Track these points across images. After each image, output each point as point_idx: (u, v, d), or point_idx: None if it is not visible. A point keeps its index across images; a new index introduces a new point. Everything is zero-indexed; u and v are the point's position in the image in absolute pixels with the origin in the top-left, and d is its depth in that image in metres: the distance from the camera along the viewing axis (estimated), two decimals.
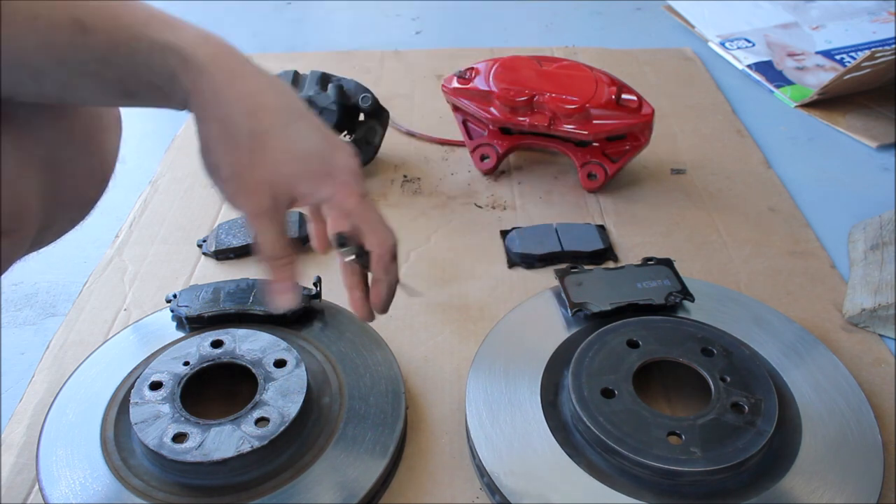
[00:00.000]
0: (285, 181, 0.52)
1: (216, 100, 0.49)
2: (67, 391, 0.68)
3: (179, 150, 1.12)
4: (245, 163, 0.51)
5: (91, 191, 0.56)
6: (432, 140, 1.12)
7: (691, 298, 0.74)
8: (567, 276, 0.77)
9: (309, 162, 0.53)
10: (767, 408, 0.62)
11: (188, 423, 0.61)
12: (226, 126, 0.50)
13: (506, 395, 0.66)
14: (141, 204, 1.00)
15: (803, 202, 0.98)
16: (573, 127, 0.93)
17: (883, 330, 0.77)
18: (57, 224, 0.55)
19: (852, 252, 0.87)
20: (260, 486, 0.59)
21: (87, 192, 0.56)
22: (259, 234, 0.53)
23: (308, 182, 0.53)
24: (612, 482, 0.59)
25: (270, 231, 0.53)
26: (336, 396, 0.67)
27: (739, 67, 1.34)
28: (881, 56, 1.07)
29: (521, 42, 1.43)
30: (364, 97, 0.97)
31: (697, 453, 0.58)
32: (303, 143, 0.52)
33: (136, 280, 0.86)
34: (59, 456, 0.62)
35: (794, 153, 1.10)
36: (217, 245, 0.89)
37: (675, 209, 0.97)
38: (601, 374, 0.65)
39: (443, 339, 0.78)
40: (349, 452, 0.62)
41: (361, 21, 1.59)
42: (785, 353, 0.70)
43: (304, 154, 0.52)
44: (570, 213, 0.96)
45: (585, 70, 0.96)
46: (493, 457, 0.62)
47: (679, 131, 1.14)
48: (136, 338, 0.74)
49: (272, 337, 0.69)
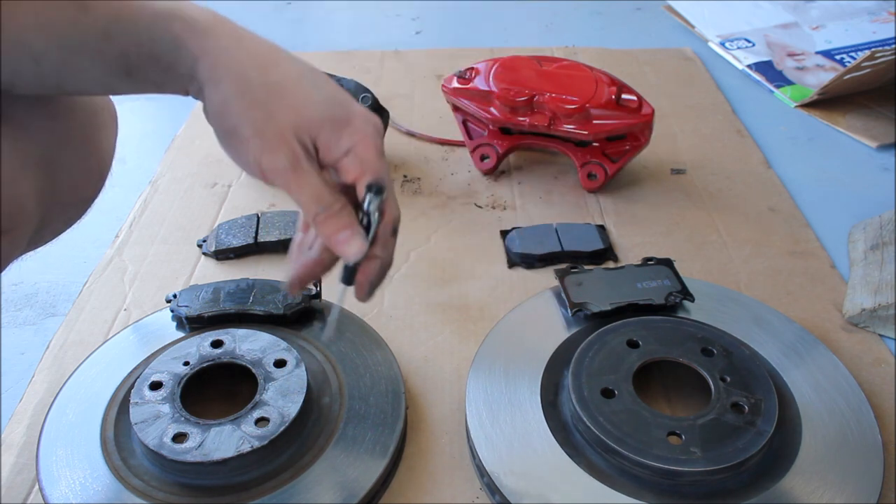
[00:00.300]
0: (308, 125, 0.50)
1: (227, 58, 0.48)
2: (67, 391, 0.68)
3: (179, 150, 1.12)
4: (265, 115, 0.49)
5: (88, 190, 0.56)
6: (432, 140, 1.12)
7: (691, 298, 0.74)
8: (567, 276, 0.77)
9: (329, 107, 0.51)
10: (767, 408, 0.62)
11: (188, 423, 0.61)
12: (240, 82, 0.49)
13: (506, 395, 0.66)
14: (141, 204, 1.00)
15: (803, 202, 0.98)
16: (573, 127, 0.93)
17: (883, 330, 0.77)
18: (54, 223, 0.55)
19: (852, 252, 0.87)
20: (260, 486, 0.59)
21: (84, 191, 0.56)
22: (299, 191, 0.50)
23: (330, 128, 0.51)
24: (612, 482, 0.59)
25: (309, 182, 0.50)
26: (336, 396, 0.67)
27: (739, 67, 1.34)
28: (881, 56, 1.07)
29: (521, 42, 1.43)
30: (364, 97, 0.97)
31: (697, 453, 0.58)
32: (320, 92, 0.51)
33: (136, 280, 0.86)
34: (59, 456, 0.62)
35: (794, 153, 1.10)
36: (217, 245, 0.89)
37: (675, 209, 0.97)
38: (601, 374, 0.65)
39: (443, 339, 0.78)
40: (349, 452, 0.62)
41: (361, 21, 1.59)
42: (785, 353, 0.70)
43: (322, 100, 0.51)
44: (570, 213, 0.96)
45: (585, 70, 0.96)
46: (493, 457, 0.62)
47: (679, 131, 1.14)
48: (136, 338, 0.74)
49: (272, 337, 0.69)
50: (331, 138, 0.51)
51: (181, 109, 1.23)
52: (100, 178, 0.57)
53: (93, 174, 0.56)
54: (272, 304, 0.74)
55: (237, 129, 0.50)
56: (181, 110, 1.23)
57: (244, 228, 0.90)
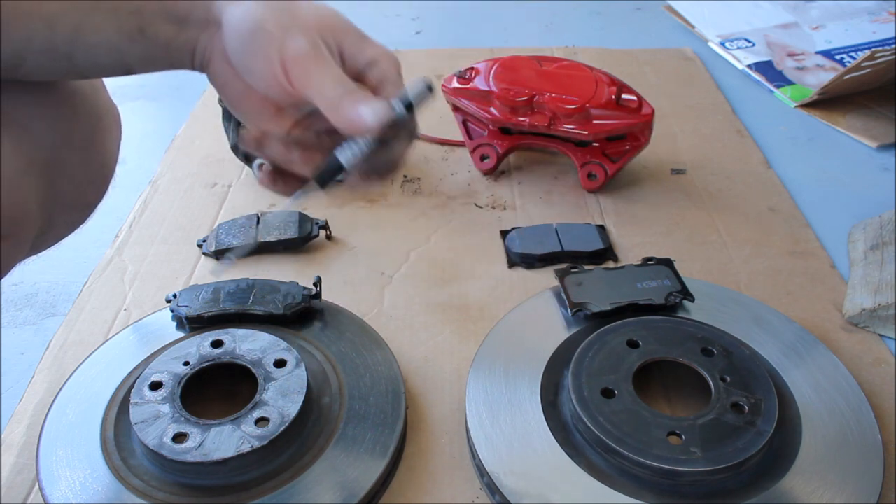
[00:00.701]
0: (332, 29, 0.50)
1: None
2: (67, 391, 0.68)
3: (179, 150, 1.12)
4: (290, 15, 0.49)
5: (91, 194, 0.56)
6: (432, 140, 1.12)
7: (691, 298, 0.74)
8: (567, 276, 0.77)
9: (349, 22, 0.52)
10: (767, 408, 0.62)
11: (188, 423, 0.61)
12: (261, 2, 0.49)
13: (506, 395, 0.66)
14: (141, 204, 1.00)
15: (803, 202, 0.98)
16: (573, 127, 0.93)
17: (883, 330, 0.77)
18: (57, 227, 0.55)
19: (852, 252, 0.87)
20: (260, 486, 0.59)
21: (87, 195, 0.56)
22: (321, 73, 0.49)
23: (354, 37, 0.51)
24: (612, 482, 0.59)
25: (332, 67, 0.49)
26: (336, 396, 0.67)
27: (739, 67, 1.34)
28: (881, 56, 1.07)
29: (521, 42, 1.43)
30: None
31: (697, 453, 0.58)
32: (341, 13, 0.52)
33: (136, 280, 0.86)
34: (59, 456, 0.62)
35: (794, 153, 1.10)
36: (217, 245, 0.89)
37: (675, 209, 0.97)
38: (601, 374, 0.65)
39: (443, 339, 0.78)
40: (349, 452, 0.62)
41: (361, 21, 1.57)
42: (785, 353, 0.70)
43: (342, 17, 0.52)
44: (570, 213, 0.96)
45: (585, 70, 0.96)
46: (493, 457, 0.62)
47: (679, 131, 1.14)
48: (136, 338, 0.74)
49: (272, 337, 0.69)
50: (355, 45, 0.51)
51: (181, 109, 1.23)
52: (103, 182, 0.57)
53: (96, 178, 0.56)
54: (272, 304, 0.74)
55: (262, 24, 0.48)
56: (181, 110, 1.23)
57: (244, 228, 0.90)
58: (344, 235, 0.93)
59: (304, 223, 0.90)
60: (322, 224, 0.91)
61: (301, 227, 0.89)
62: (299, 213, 0.91)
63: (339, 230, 0.93)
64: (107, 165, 0.56)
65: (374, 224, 0.95)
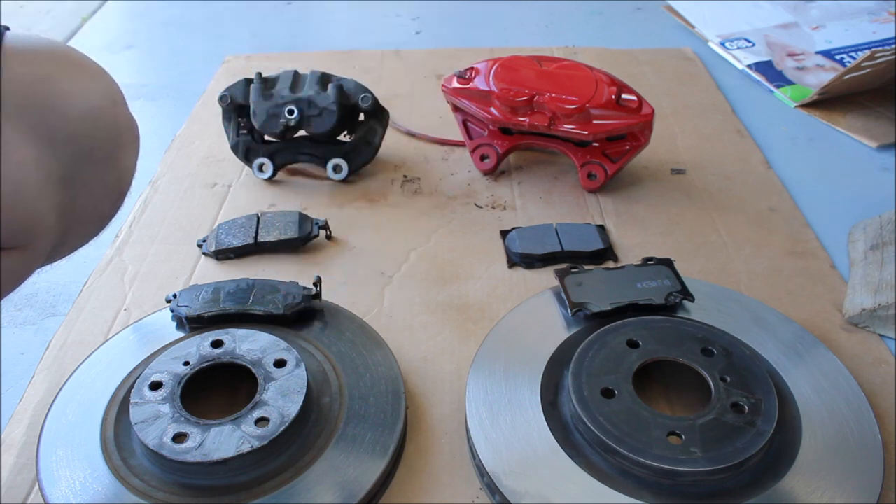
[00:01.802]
0: None
1: None
2: (67, 391, 0.68)
3: (179, 150, 1.12)
4: None
5: (107, 207, 0.57)
6: (432, 140, 1.12)
7: (691, 298, 0.74)
8: (567, 276, 0.77)
9: None
10: (767, 408, 0.62)
11: (188, 423, 0.61)
12: None
13: (506, 395, 0.66)
14: (141, 204, 1.00)
15: (803, 202, 0.98)
16: (573, 127, 0.93)
17: (883, 330, 0.77)
18: (72, 239, 0.55)
19: (852, 252, 0.87)
20: (260, 486, 0.59)
21: (104, 208, 0.56)
22: None
23: None
24: (612, 482, 0.59)
25: None
26: (336, 396, 0.67)
27: (739, 67, 1.34)
28: (881, 56, 1.07)
29: (521, 42, 1.43)
30: (364, 97, 0.97)
31: (697, 453, 0.58)
32: None
33: (136, 280, 0.86)
34: (59, 456, 0.62)
35: (794, 153, 1.10)
36: (217, 245, 0.89)
37: (675, 209, 0.97)
38: (601, 374, 0.65)
39: (443, 339, 0.78)
40: (349, 452, 0.62)
41: (361, 21, 1.59)
42: (785, 353, 0.70)
43: None
44: (570, 213, 0.96)
45: (585, 70, 0.96)
46: (493, 457, 0.62)
47: (679, 131, 1.14)
48: (136, 338, 0.74)
49: (272, 337, 0.69)
50: None
51: (181, 109, 1.23)
52: (119, 196, 0.57)
53: (112, 192, 0.56)
54: (272, 304, 0.74)
55: None
56: (181, 110, 1.23)
57: (244, 228, 0.90)
58: (344, 235, 0.93)
59: (304, 223, 0.90)
60: (322, 224, 0.91)
61: (301, 227, 0.89)
62: (299, 212, 0.91)
63: (339, 230, 0.93)
64: (123, 180, 0.57)
65: (374, 224, 0.95)
